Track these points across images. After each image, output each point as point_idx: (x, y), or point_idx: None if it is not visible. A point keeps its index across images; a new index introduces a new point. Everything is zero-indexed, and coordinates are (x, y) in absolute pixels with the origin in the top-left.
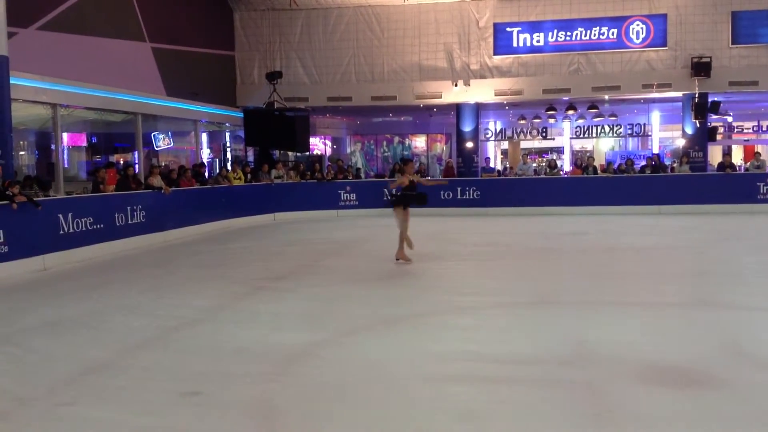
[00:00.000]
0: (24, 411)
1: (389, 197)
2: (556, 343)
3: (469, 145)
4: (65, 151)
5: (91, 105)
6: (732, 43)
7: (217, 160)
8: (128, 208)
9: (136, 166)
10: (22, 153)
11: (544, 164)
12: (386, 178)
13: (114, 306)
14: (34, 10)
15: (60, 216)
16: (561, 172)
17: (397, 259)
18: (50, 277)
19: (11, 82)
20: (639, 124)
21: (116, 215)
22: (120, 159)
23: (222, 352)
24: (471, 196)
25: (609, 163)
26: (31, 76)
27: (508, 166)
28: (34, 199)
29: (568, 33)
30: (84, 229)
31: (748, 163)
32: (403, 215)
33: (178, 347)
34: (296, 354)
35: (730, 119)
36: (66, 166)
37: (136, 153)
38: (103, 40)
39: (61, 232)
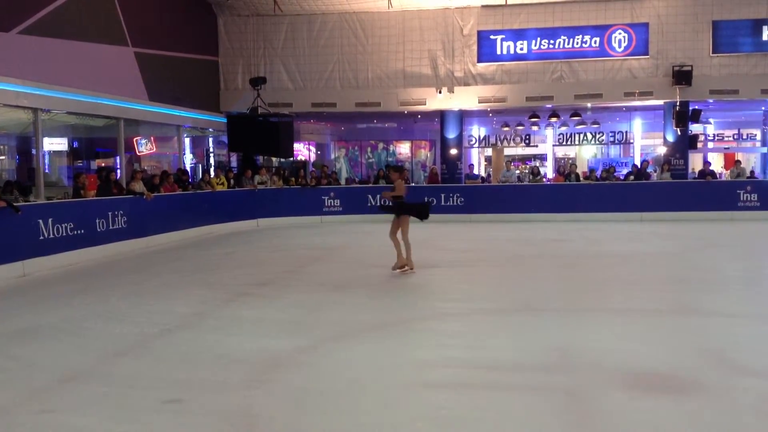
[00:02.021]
0: (4, 418)
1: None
2: (539, 350)
3: (453, 151)
4: (46, 156)
5: (72, 109)
6: (713, 52)
7: (200, 165)
8: (109, 213)
9: (118, 171)
10: (2, 158)
11: (527, 171)
12: (370, 184)
13: (95, 312)
14: (16, 14)
15: (40, 221)
16: (544, 179)
17: (396, 269)
18: (30, 284)
19: None
20: (621, 131)
21: (97, 221)
22: (101, 164)
23: (204, 359)
24: (455, 203)
25: (591, 170)
26: (11, 80)
27: (491, 172)
28: (14, 204)
29: (551, 41)
30: (64, 234)
31: (728, 171)
32: (395, 224)
33: (160, 354)
34: (279, 361)
35: (711, 128)
36: (47, 171)
37: (117, 158)
38: (86, 45)
39: (41, 237)
